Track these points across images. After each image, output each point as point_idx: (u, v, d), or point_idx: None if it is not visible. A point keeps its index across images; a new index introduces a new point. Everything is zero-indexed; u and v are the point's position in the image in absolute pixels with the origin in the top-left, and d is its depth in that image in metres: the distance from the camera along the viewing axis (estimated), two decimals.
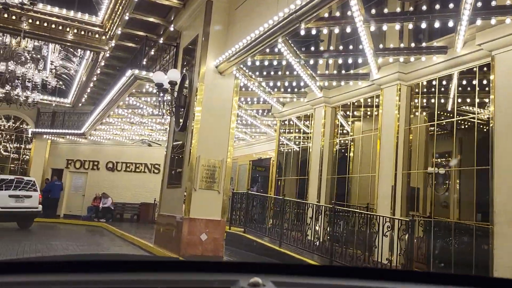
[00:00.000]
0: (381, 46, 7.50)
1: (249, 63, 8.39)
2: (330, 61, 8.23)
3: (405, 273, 1.22)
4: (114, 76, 14.95)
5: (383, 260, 6.62)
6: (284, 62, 9.67)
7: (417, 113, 8.23)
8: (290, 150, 12.04)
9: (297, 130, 11.90)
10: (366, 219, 7.01)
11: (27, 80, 13.96)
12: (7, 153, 21.40)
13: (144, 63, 10.59)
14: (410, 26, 6.39)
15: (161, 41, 11.23)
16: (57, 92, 20.65)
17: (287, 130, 12.29)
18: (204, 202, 8.66)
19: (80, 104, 20.70)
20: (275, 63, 9.32)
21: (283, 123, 12.27)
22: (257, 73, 9.67)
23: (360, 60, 7.96)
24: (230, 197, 11.32)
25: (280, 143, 12.38)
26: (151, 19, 10.76)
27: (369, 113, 9.53)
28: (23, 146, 21.45)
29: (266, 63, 8.94)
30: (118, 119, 15.51)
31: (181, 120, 9.56)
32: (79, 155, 21.26)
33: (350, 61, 7.94)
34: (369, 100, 9.45)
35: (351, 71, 9.02)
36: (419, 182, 8.05)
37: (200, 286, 1.08)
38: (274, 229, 9.74)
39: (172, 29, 10.87)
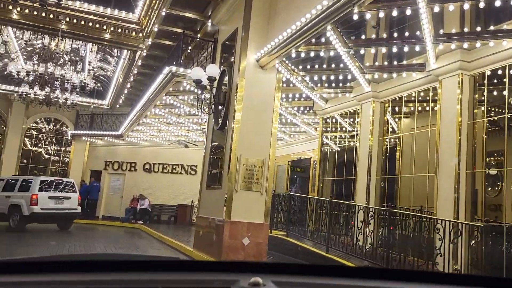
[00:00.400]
0: (441, 31, 6.75)
1: (293, 55, 7.82)
2: (383, 51, 7.54)
3: (407, 273, 1.22)
4: (150, 76, 14.76)
5: (450, 270, 5.89)
6: (326, 55, 9.06)
7: (482, 107, 7.41)
8: (334, 150, 11.38)
9: (341, 128, 11.23)
10: (429, 224, 6.28)
11: (65, 81, 13.95)
12: (48, 156, 21.76)
13: (181, 60, 10.21)
14: (481, 4, 5.63)
15: (198, 37, 10.85)
16: (95, 94, 20.77)
17: (330, 128, 11.63)
18: (246, 204, 8.16)
19: (117, 106, 20.74)
20: (320, 54, 8.72)
21: (326, 121, 11.62)
22: (300, 66, 9.09)
23: (417, 48, 7.22)
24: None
25: (323, 142, 11.73)
26: (188, 15, 10.39)
27: (423, 107, 8.76)
28: (63, 148, 21.74)
29: (303, 55, 8.30)
30: (155, 119, 15.31)
31: (220, 118, 9.11)
32: (117, 157, 21.33)
33: (406, 49, 7.22)
34: (422, 93, 8.68)
35: (404, 62, 8.28)
36: (478, 183, 7.25)
37: (200, 286, 1.08)
38: (320, 233, 9.12)
39: (209, 24, 10.47)
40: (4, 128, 20.48)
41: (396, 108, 9.54)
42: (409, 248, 6.87)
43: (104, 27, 11.24)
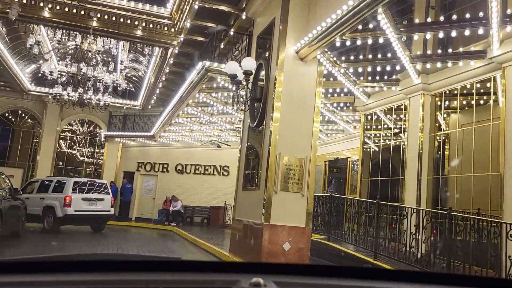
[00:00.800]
0: (509, 11, 5.95)
1: (337, 44, 7.17)
2: (439, 35, 6.77)
3: (408, 274, 1.21)
4: (182, 75, 14.39)
5: None
6: (368, 44, 8.37)
7: None
8: (377, 148, 10.64)
9: (385, 125, 10.47)
10: (500, 229, 5.51)
11: (98, 81, 13.77)
12: (82, 157, 21.86)
13: (215, 56, 9.75)
14: None
15: (232, 31, 10.35)
16: (127, 94, 20.70)
17: (373, 125, 10.88)
18: (286, 206, 7.58)
19: (149, 106, 20.58)
20: (359, 43, 8.02)
21: (368, 118, 10.89)
22: (343, 58, 8.43)
23: (477, 33, 6.45)
24: None
25: (365, 140, 10.99)
26: (222, 8, 9.91)
27: (482, 100, 7.92)
28: (96, 150, 21.79)
29: (342, 44, 7.61)
30: (187, 119, 14.96)
31: (257, 115, 8.57)
32: (149, 158, 21.17)
33: (465, 33, 6.44)
34: (479, 84, 7.86)
35: (460, 49, 7.49)
36: None
37: (201, 286, 1.08)
38: (367, 238, 8.42)
39: (244, 17, 9.95)
40: (40, 130, 20.69)
41: (449, 102, 8.73)
42: (471, 255, 6.10)
43: (136, 23, 10.92)
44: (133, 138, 20.56)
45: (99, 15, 10.60)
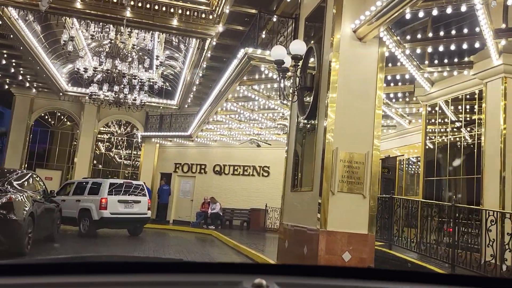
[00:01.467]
0: None
1: (407, 16, 6.04)
2: None
3: (410, 274, 1.20)
4: (220, 70, 13.55)
5: None
6: (432, 21, 7.19)
7: None
8: (443, 143, 9.34)
9: (454, 116, 9.17)
10: None
11: (133, 78, 13.15)
12: (119, 159, 21.50)
13: (257, 44, 8.79)
14: None
15: (276, 15, 9.37)
16: (163, 93, 20.15)
17: (437, 118, 9.59)
18: (345, 210, 6.51)
19: (186, 106, 19.94)
20: (421, 17, 6.84)
21: (431, 109, 9.61)
22: (408, 37, 7.26)
23: None
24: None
25: (427, 134, 9.72)
26: None
27: None
28: (134, 151, 21.36)
29: (408, 16, 6.47)
30: (225, 116, 14.10)
31: (307, 106, 7.55)
32: (186, 159, 20.53)
33: None
34: None
35: None
36: None
37: None
38: (437, 246, 7.20)
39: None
40: (77, 131, 20.47)
41: None
42: None
43: (172, 11, 10.15)
44: (170, 138, 19.98)
45: (132, 3, 9.90)
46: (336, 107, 6.66)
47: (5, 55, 15.51)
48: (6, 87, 19.30)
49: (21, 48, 13.81)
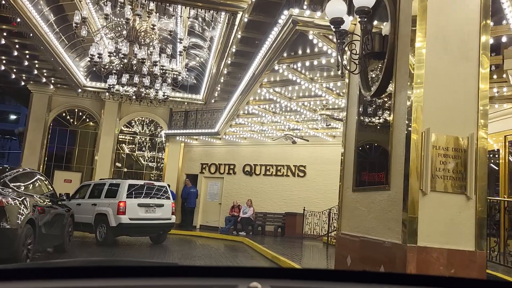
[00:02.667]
0: None
1: None
2: None
3: (409, 277, 1.18)
4: (251, 56, 11.79)
5: None
6: None
7: None
8: None
9: None
10: None
11: (154, 65, 11.56)
12: (142, 159, 20.06)
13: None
14: None
15: None
16: (188, 88, 18.60)
17: None
18: (442, 217, 4.61)
19: (213, 101, 18.31)
20: None
21: None
22: None
23: None
24: None
25: None
26: None
27: None
28: (157, 151, 19.87)
29: None
30: (258, 106, 12.32)
31: (376, 79, 5.70)
32: (213, 158, 18.87)
33: None
34: None
35: None
36: None
37: None
38: None
39: None
40: (97, 131, 19.12)
41: None
42: None
43: None
44: (196, 136, 18.37)
45: None
46: (425, 75, 4.78)
47: (17, 46, 14.23)
48: (23, 83, 18.13)
49: (31, 35, 12.45)
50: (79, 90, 18.04)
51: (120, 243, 12.27)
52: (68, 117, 19.38)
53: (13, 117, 43.89)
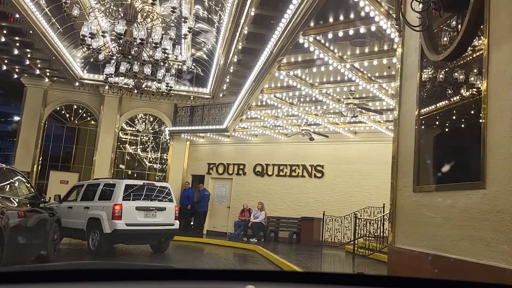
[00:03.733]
0: None
1: None
2: None
3: (404, 280, 1.17)
4: (263, 42, 10.26)
5: None
6: None
7: None
8: None
9: None
10: None
11: (155, 46, 10.05)
12: (145, 158, 18.59)
13: None
14: None
15: None
16: (194, 80, 17.12)
17: None
18: None
19: (221, 95, 16.79)
20: None
21: None
22: None
23: None
24: None
25: None
26: None
27: None
28: (160, 153, 18.38)
29: None
30: (273, 96, 10.77)
31: (451, 36, 4.16)
32: (221, 158, 17.34)
33: None
34: None
35: None
36: None
37: None
38: None
39: None
40: (96, 128, 17.66)
41: None
42: None
43: None
44: (202, 133, 16.85)
45: None
46: None
47: (4, 31, 12.82)
48: (16, 76, 16.74)
49: (17, 16, 11.04)
50: (76, 84, 16.59)
51: (116, 251, 10.79)
52: (65, 113, 17.95)
53: (17, 118, 42.42)
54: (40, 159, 17.45)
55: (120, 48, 10.53)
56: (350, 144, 14.50)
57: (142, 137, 18.43)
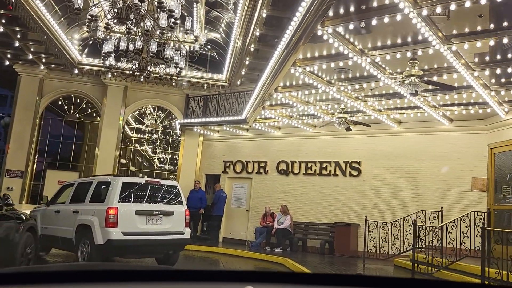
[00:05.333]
0: None
1: None
2: None
3: (401, 281, 1.17)
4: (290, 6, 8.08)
5: None
6: None
7: None
8: None
9: None
10: None
11: (160, 8, 7.96)
12: (153, 155, 16.53)
13: None
14: None
15: None
16: (208, 65, 15.03)
17: None
18: None
19: (238, 82, 14.69)
20: None
21: None
22: None
23: None
24: None
25: None
26: None
27: None
28: (170, 149, 16.28)
29: None
30: (308, 67, 8.53)
31: None
32: (239, 155, 15.17)
33: None
34: None
35: None
36: None
37: None
38: None
39: None
40: (98, 122, 15.65)
41: None
42: None
43: None
44: (217, 125, 14.69)
45: None
46: None
47: None
48: (7, 63, 14.85)
49: None
50: (75, 71, 14.65)
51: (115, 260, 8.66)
52: (63, 105, 15.99)
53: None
54: (36, 156, 15.53)
55: (116, 11, 8.41)
56: (392, 136, 12.19)
57: (149, 132, 16.35)
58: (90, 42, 13.80)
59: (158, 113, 16.44)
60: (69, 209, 8.80)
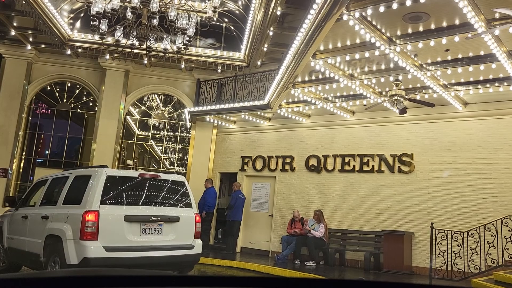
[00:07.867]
0: None
1: None
2: None
3: (398, 286, 1.17)
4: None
5: None
6: None
7: None
8: None
9: None
10: None
11: None
12: (159, 149, 14.25)
13: None
14: None
15: None
16: (223, 39, 12.70)
17: None
18: None
19: (259, 62, 12.35)
20: None
21: None
22: None
23: None
24: None
25: None
26: None
27: None
28: (178, 143, 13.96)
29: None
30: (356, 27, 6.11)
31: None
32: (260, 149, 12.77)
33: None
34: None
35: None
36: None
37: None
38: None
39: None
40: (96, 112, 13.41)
41: None
42: None
43: None
44: (234, 113, 12.28)
45: None
46: None
47: None
48: None
49: None
50: (68, 51, 12.48)
51: None
52: (55, 93, 13.78)
53: None
54: (23, 152, 13.36)
55: None
56: (456, 121, 9.68)
57: (154, 123, 14.06)
58: (82, 14, 11.60)
59: (164, 102, 14.14)
60: (38, 213, 6.50)
